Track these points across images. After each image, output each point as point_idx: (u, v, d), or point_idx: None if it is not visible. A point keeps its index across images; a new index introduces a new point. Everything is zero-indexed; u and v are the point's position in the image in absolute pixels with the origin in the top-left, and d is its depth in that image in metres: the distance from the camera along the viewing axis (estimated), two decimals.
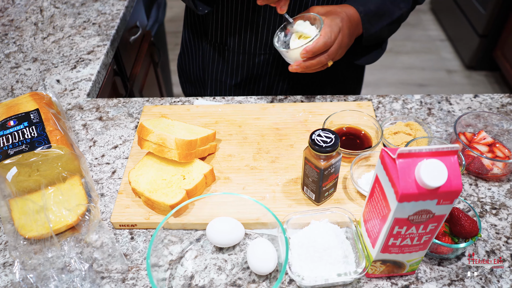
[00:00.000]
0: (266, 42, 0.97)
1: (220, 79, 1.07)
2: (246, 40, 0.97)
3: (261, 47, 0.98)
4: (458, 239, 0.67)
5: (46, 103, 0.85)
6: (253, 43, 0.98)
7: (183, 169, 0.78)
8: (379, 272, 0.66)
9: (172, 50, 2.76)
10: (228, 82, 1.07)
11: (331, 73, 1.07)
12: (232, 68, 1.04)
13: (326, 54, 0.82)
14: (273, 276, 0.67)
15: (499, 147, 0.83)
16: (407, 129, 0.86)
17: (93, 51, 1.16)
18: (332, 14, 0.84)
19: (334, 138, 0.67)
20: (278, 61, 1.01)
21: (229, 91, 1.09)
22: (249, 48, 0.99)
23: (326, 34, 0.80)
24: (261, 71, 1.04)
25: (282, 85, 1.06)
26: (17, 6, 1.35)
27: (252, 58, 1.01)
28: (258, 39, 0.97)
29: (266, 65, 1.02)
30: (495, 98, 0.98)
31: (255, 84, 1.07)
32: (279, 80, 1.05)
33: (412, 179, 0.51)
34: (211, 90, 1.12)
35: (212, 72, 1.08)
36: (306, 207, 0.76)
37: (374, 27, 0.90)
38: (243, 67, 1.03)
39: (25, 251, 0.69)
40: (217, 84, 1.09)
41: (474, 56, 2.72)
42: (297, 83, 1.06)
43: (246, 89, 1.08)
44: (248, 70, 1.03)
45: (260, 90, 1.08)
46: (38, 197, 0.74)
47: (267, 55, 1.00)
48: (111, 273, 0.68)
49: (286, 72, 1.04)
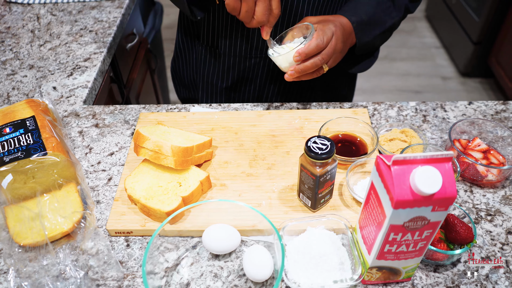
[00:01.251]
0: (257, 45, 0.98)
1: (211, 82, 1.08)
2: (237, 43, 0.98)
3: (252, 50, 0.99)
4: (454, 245, 0.68)
5: (42, 110, 0.85)
6: (244, 46, 0.99)
7: (179, 176, 0.78)
8: (375, 278, 0.66)
9: (169, 57, 2.77)
10: (219, 84, 1.08)
11: (322, 78, 1.08)
12: (223, 70, 1.04)
13: (319, 55, 0.83)
14: (269, 283, 0.67)
15: (494, 154, 0.83)
16: (402, 136, 0.87)
17: (90, 58, 1.16)
18: (325, 22, 0.85)
19: (330, 145, 0.67)
20: (269, 65, 1.02)
21: (221, 94, 1.10)
22: (240, 51, 1.00)
23: (318, 36, 0.81)
24: (252, 74, 1.04)
25: (274, 88, 1.07)
26: (14, 14, 1.36)
27: (243, 61, 1.02)
28: (249, 43, 0.98)
29: (257, 68, 1.03)
30: (489, 105, 0.99)
31: (246, 87, 1.08)
32: (270, 83, 1.06)
33: (407, 186, 0.51)
34: (203, 93, 1.12)
35: (204, 75, 1.09)
36: (302, 214, 0.76)
37: (367, 36, 0.91)
38: (234, 70, 1.04)
39: (20, 258, 0.68)
40: (208, 87, 1.10)
41: (468, 63, 2.74)
42: (288, 86, 1.07)
43: (237, 92, 1.09)
44: (239, 73, 1.04)
45: (251, 93, 1.09)
46: (33, 204, 0.74)
47: (258, 59, 1.01)
48: (107, 280, 0.68)
49: (277, 76, 1.05)
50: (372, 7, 0.92)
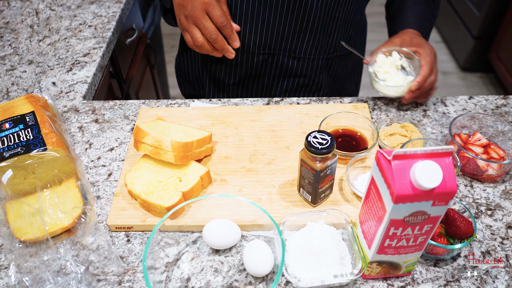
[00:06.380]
0: (265, 42, 0.98)
1: (219, 78, 1.08)
2: (245, 39, 0.98)
3: (260, 47, 0.99)
4: (454, 240, 0.68)
5: (41, 106, 0.85)
6: (252, 43, 0.98)
7: (179, 171, 0.78)
8: (375, 273, 0.66)
9: (169, 52, 2.76)
10: (226, 81, 1.07)
11: (331, 77, 1.09)
12: (231, 66, 1.04)
13: (431, 81, 0.91)
14: (270, 278, 0.67)
15: (494, 148, 0.83)
16: (403, 131, 0.87)
17: (89, 53, 1.16)
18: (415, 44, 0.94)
19: (330, 140, 0.67)
20: (277, 62, 1.02)
21: (228, 90, 1.09)
22: (247, 48, 0.99)
23: (427, 66, 0.90)
24: (260, 71, 1.04)
25: (282, 85, 1.07)
26: (12, 9, 1.35)
27: (251, 58, 1.01)
28: (257, 39, 0.97)
29: (265, 64, 1.03)
30: (489, 100, 0.99)
31: (254, 84, 1.07)
32: (278, 80, 1.06)
33: (407, 181, 0.51)
34: (210, 90, 1.12)
35: (211, 71, 1.08)
36: (302, 209, 0.76)
37: (427, 39, 1.04)
38: (241, 66, 1.03)
39: (21, 254, 0.68)
40: (215, 83, 1.10)
41: (469, 58, 2.73)
42: (296, 84, 1.07)
43: (245, 88, 1.09)
44: (247, 70, 1.04)
45: (259, 89, 1.09)
46: (33, 199, 0.74)
47: (266, 55, 1.01)
48: (107, 275, 0.68)
49: (285, 73, 1.04)
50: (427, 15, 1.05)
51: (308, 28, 0.95)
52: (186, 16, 0.89)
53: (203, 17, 0.87)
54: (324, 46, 1.01)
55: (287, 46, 0.99)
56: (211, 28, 0.88)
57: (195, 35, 0.90)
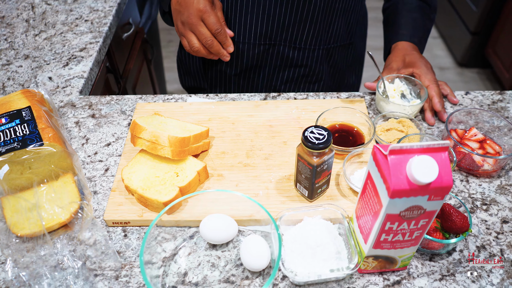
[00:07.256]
0: (266, 32, 0.98)
1: (220, 69, 1.09)
2: (246, 30, 0.98)
3: (261, 37, 0.99)
4: (449, 234, 0.68)
5: (38, 101, 0.84)
6: (253, 33, 0.98)
7: (176, 166, 0.78)
8: (371, 267, 0.66)
9: (166, 47, 2.75)
10: (228, 72, 1.08)
11: (332, 67, 1.09)
12: (232, 57, 1.04)
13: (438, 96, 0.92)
14: (266, 273, 0.68)
15: (490, 144, 0.84)
16: (399, 126, 0.87)
17: (86, 48, 1.15)
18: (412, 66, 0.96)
19: (327, 135, 0.67)
20: (277, 52, 1.02)
21: (229, 81, 1.10)
22: (248, 38, 1.00)
23: (431, 88, 0.92)
24: (261, 61, 1.05)
25: (283, 76, 1.07)
26: (8, 3, 1.34)
27: (252, 48, 1.02)
28: (258, 29, 0.98)
29: (266, 55, 1.03)
30: (486, 95, 0.99)
31: (255, 74, 1.08)
32: (279, 71, 1.06)
33: (403, 175, 0.52)
34: (211, 81, 1.12)
35: (213, 62, 1.09)
36: (299, 204, 0.76)
37: (424, 44, 1.06)
38: (243, 56, 1.04)
39: (18, 249, 0.68)
40: (217, 75, 1.10)
41: (466, 54, 2.74)
42: (297, 75, 1.07)
43: (246, 79, 1.09)
44: (248, 60, 1.04)
45: (260, 80, 1.09)
46: (30, 195, 0.74)
47: (267, 46, 1.01)
48: (104, 270, 0.68)
49: (285, 64, 1.05)
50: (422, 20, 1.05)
51: (309, 18, 0.96)
52: (182, 22, 0.93)
53: (199, 24, 0.90)
54: (325, 36, 1.01)
55: (287, 36, 0.99)
56: (207, 34, 0.91)
57: (192, 40, 0.93)
